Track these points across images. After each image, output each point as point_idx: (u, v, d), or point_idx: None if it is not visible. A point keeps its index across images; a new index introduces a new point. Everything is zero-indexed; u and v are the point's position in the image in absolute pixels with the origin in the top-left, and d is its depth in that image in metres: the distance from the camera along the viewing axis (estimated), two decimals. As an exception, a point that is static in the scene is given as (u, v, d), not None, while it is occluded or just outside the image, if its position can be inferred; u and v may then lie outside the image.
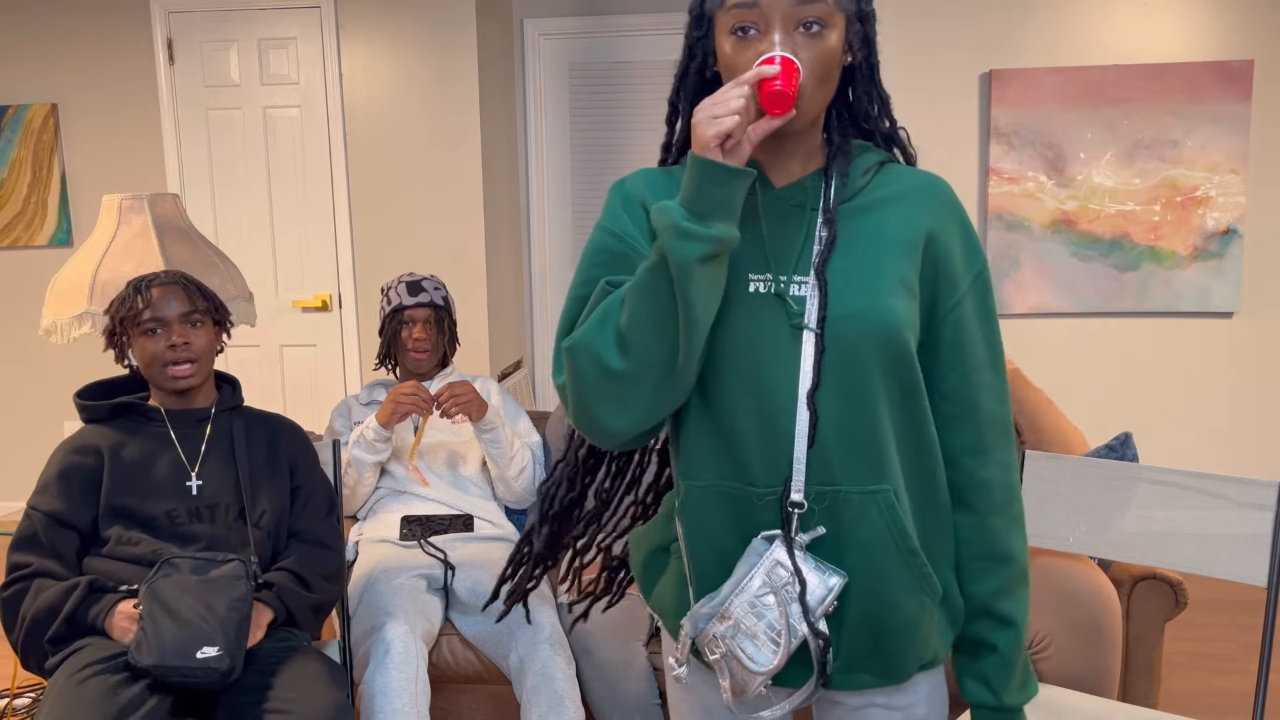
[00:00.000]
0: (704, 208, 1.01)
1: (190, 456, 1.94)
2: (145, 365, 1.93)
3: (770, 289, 1.12)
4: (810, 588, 1.10)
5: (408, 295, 2.51)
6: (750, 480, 1.13)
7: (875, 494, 1.12)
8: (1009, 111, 3.63)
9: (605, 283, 1.11)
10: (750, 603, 1.10)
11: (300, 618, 1.91)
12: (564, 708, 2.07)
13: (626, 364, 1.05)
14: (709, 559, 1.17)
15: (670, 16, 4.56)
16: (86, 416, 1.97)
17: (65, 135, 4.29)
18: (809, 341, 1.10)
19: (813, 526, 1.12)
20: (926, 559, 1.16)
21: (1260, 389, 3.71)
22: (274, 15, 4.10)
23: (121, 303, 1.94)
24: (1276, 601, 1.75)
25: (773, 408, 1.10)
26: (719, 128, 0.99)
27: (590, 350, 1.07)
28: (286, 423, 2.09)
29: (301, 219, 4.23)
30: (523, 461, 2.51)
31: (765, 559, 1.11)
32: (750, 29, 1.08)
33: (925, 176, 1.18)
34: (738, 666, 1.12)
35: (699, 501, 1.16)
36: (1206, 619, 3.29)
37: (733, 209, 1.02)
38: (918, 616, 1.15)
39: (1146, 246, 3.63)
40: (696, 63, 1.16)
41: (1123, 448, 2.20)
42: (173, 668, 1.63)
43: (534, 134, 4.71)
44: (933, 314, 1.16)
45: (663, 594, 1.26)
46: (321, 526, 2.02)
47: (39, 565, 1.80)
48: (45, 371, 4.45)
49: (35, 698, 2.83)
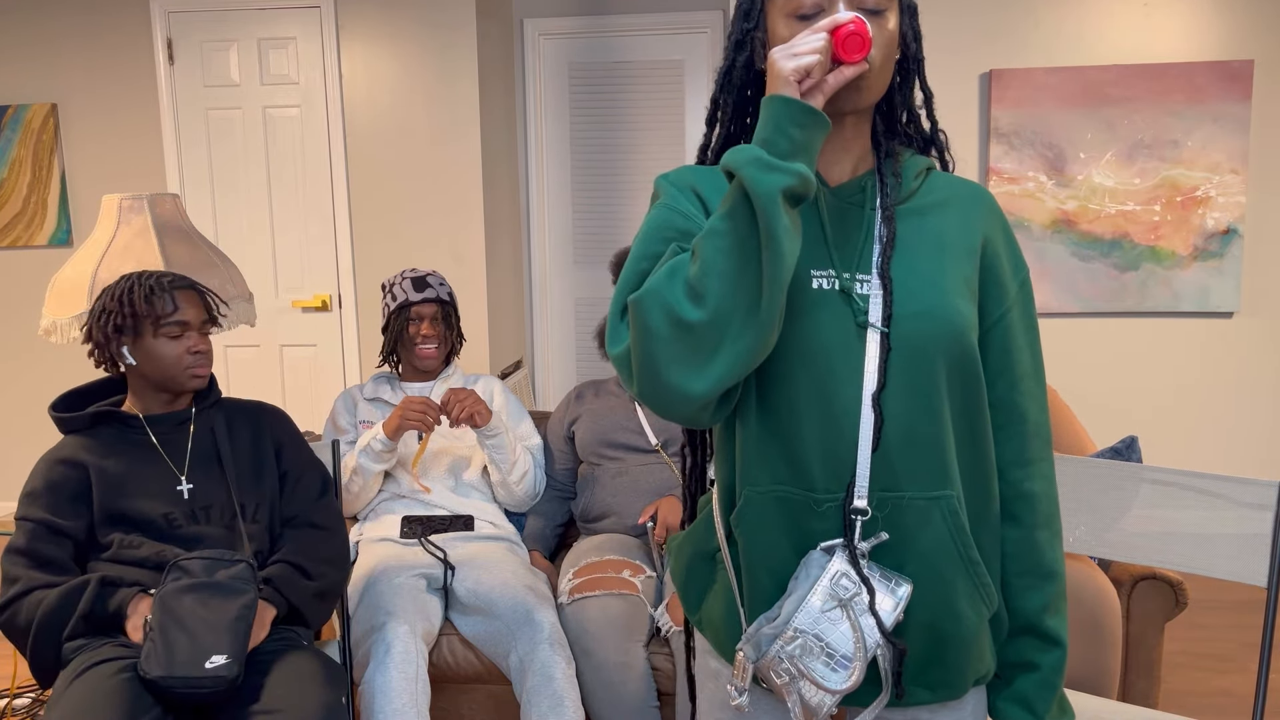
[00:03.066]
0: (784, 147, 0.96)
1: (176, 462, 1.92)
2: (162, 365, 1.90)
3: (835, 285, 1.08)
4: (879, 598, 1.05)
5: (414, 291, 2.49)
6: (810, 486, 1.08)
7: (939, 500, 1.08)
8: (1009, 111, 3.62)
9: (677, 245, 1.06)
10: (815, 619, 1.04)
11: (304, 608, 1.88)
12: (564, 708, 2.07)
13: (703, 312, 0.96)
14: (763, 571, 1.10)
15: (670, 16, 4.56)
16: (65, 428, 1.93)
17: (65, 135, 4.29)
18: (874, 341, 1.06)
19: (875, 534, 1.07)
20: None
21: (1260, 389, 3.71)
22: (274, 15, 4.10)
23: (145, 299, 1.88)
24: (1276, 601, 1.75)
25: (836, 409, 1.06)
26: (799, 63, 0.96)
27: (661, 299, 0.98)
28: (268, 408, 2.06)
29: (301, 219, 4.23)
30: (524, 466, 2.50)
31: (827, 571, 1.05)
32: (817, 13, 1.05)
33: (972, 185, 1.18)
34: (809, 687, 1.05)
35: (758, 508, 1.10)
36: (1206, 619, 3.29)
37: (811, 153, 0.98)
38: (977, 627, 1.11)
39: (1146, 246, 3.63)
40: (745, 56, 1.13)
41: (1128, 451, 2.20)
42: (180, 678, 1.62)
43: (534, 134, 4.71)
44: (982, 320, 1.14)
45: (712, 610, 1.19)
46: (315, 508, 1.99)
47: (29, 580, 1.78)
48: (45, 371, 4.45)
49: (35, 698, 2.82)
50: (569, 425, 2.62)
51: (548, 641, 2.13)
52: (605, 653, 2.14)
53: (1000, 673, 1.17)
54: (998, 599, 1.14)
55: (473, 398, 2.34)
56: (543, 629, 2.14)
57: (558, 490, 2.63)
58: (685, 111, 4.61)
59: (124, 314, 1.89)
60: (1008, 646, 1.16)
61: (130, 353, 1.91)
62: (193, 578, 1.74)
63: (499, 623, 2.20)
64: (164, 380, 1.92)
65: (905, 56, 1.14)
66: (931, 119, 1.18)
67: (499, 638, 2.20)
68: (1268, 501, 1.77)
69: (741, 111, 1.19)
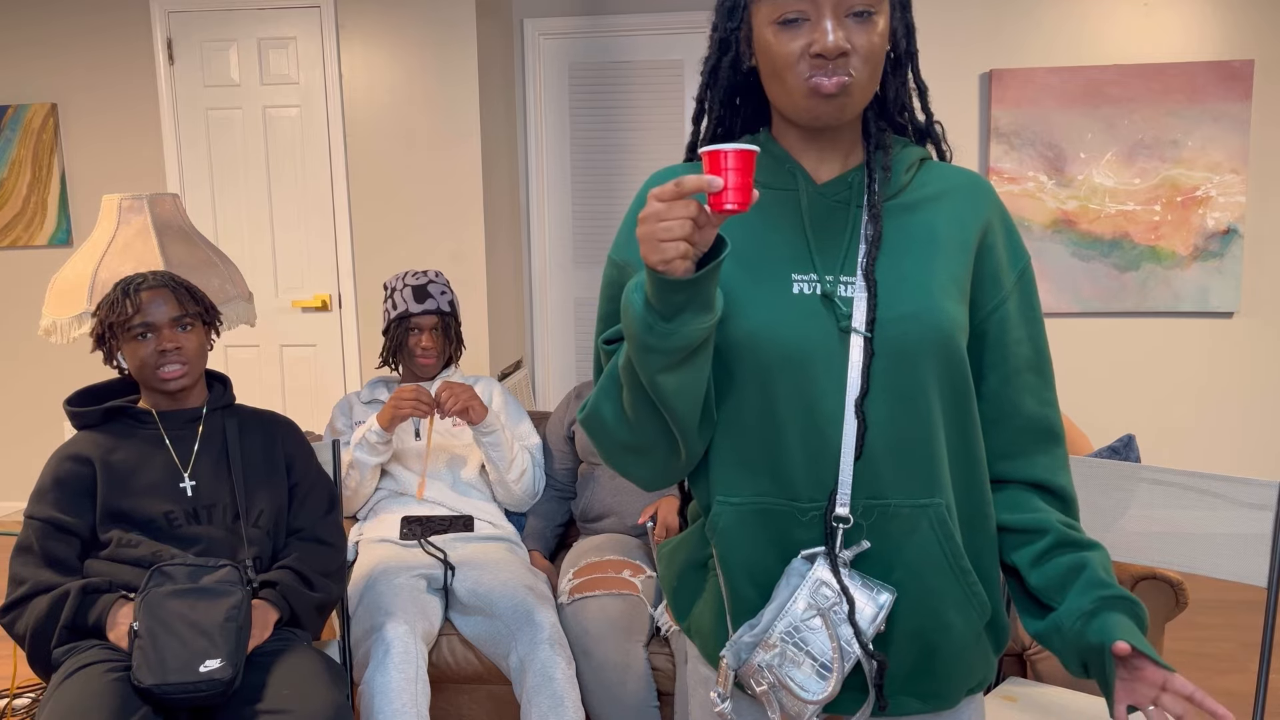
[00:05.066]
0: (669, 310, 0.95)
1: (183, 457, 1.93)
2: (136, 368, 1.92)
3: (816, 290, 1.06)
4: (859, 607, 1.03)
5: (414, 301, 2.49)
6: (793, 495, 1.06)
7: (927, 508, 1.05)
8: (1009, 111, 3.62)
9: (601, 342, 1.09)
10: (795, 628, 1.03)
11: (304, 617, 1.90)
12: (564, 708, 2.07)
13: (635, 439, 1.06)
14: (744, 581, 1.09)
15: (670, 16, 4.56)
16: (78, 423, 1.96)
17: (65, 135, 4.29)
18: (857, 346, 1.03)
19: (858, 542, 1.05)
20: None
21: (1260, 389, 3.71)
22: (274, 15, 4.10)
23: (110, 307, 1.91)
24: (1276, 601, 1.75)
25: (819, 417, 1.04)
26: (662, 255, 0.91)
27: (601, 423, 1.08)
28: (282, 420, 2.07)
29: (301, 219, 4.23)
30: (523, 465, 2.50)
31: (808, 579, 1.04)
32: (799, 18, 1.01)
33: (969, 174, 1.15)
34: (788, 697, 1.04)
35: (735, 520, 1.08)
36: (1206, 619, 3.29)
37: (701, 301, 0.95)
38: (968, 638, 1.09)
39: (1147, 246, 3.63)
40: (730, 56, 1.10)
41: (1126, 450, 2.20)
42: (175, 684, 1.62)
43: (534, 134, 4.71)
44: (975, 313, 1.11)
45: (701, 617, 1.18)
46: (321, 524, 2.01)
47: (35, 580, 1.79)
48: (45, 371, 4.45)
49: (35, 698, 2.83)
50: (569, 425, 2.62)
51: (548, 642, 2.13)
52: (605, 653, 2.14)
53: (1047, 598, 1.09)
54: (990, 608, 1.11)
55: (469, 392, 2.34)
56: (543, 629, 2.14)
57: (558, 490, 2.63)
58: (685, 111, 4.61)
59: (102, 324, 1.93)
60: (1046, 566, 1.10)
61: (122, 357, 1.96)
62: (176, 583, 1.74)
63: (499, 623, 2.20)
64: (144, 382, 1.94)
65: (896, 52, 1.11)
66: (926, 111, 1.15)
67: (499, 638, 2.20)
68: (1268, 501, 1.77)
69: (730, 108, 1.16)
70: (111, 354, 1.96)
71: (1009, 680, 1.97)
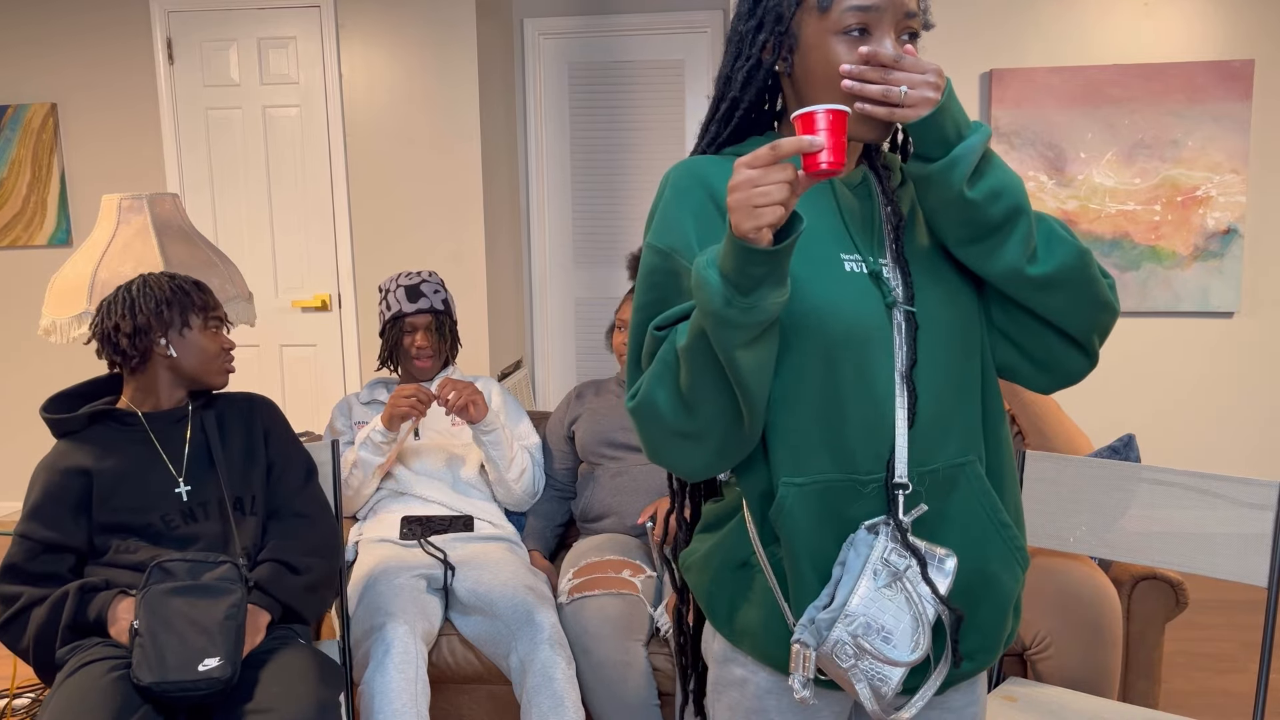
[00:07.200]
0: (748, 284, 0.97)
1: (174, 460, 1.91)
2: (200, 360, 1.92)
3: (862, 268, 1.12)
4: (930, 567, 1.08)
5: (407, 301, 2.49)
6: (853, 469, 1.09)
7: (964, 466, 1.12)
8: (1009, 111, 3.62)
9: (652, 328, 1.09)
10: (872, 597, 1.05)
11: (297, 605, 1.87)
12: (564, 708, 2.07)
13: (693, 424, 1.06)
14: (806, 565, 1.10)
15: (670, 16, 4.56)
16: (59, 430, 1.90)
17: (65, 135, 4.29)
18: (901, 319, 1.10)
19: (916, 506, 1.09)
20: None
21: (1260, 389, 3.71)
22: (274, 15, 4.10)
23: (178, 293, 1.91)
24: (1276, 601, 1.75)
25: (877, 388, 1.09)
26: (758, 221, 0.94)
27: (655, 410, 1.07)
28: (258, 399, 2.06)
29: (301, 219, 4.22)
30: (522, 464, 2.50)
31: (876, 547, 1.07)
32: (860, 31, 1.08)
33: None
34: (876, 665, 1.05)
35: (799, 501, 1.09)
36: (1206, 619, 3.29)
37: (779, 275, 0.98)
38: (1013, 590, 1.14)
39: (1147, 246, 3.63)
40: (770, 60, 1.13)
41: (1126, 449, 2.20)
42: (174, 683, 1.62)
43: (534, 134, 4.71)
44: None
45: (748, 618, 1.17)
46: (300, 497, 1.99)
47: (28, 596, 1.78)
48: (45, 371, 4.45)
49: (35, 698, 2.83)
50: (569, 425, 2.62)
51: (548, 641, 2.13)
52: (605, 652, 2.14)
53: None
54: (1028, 560, 1.17)
55: (471, 388, 2.34)
56: (543, 629, 2.14)
57: (558, 490, 2.63)
58: (685, 111, 4.61)
59: (177, 302, 1.90)
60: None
61: (170, 343, 1.91)
62: (177, 580, 1.73)
63: (499, 623, 2.20)
64: (197, 373, 1.93)
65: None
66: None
67: (499, 638, 2.20)
68: (1268, 501, 1.77)
69: (756, 106, 1.20)
70: (156, 339, 1.88)
71: (1009, 680, 1.97)
